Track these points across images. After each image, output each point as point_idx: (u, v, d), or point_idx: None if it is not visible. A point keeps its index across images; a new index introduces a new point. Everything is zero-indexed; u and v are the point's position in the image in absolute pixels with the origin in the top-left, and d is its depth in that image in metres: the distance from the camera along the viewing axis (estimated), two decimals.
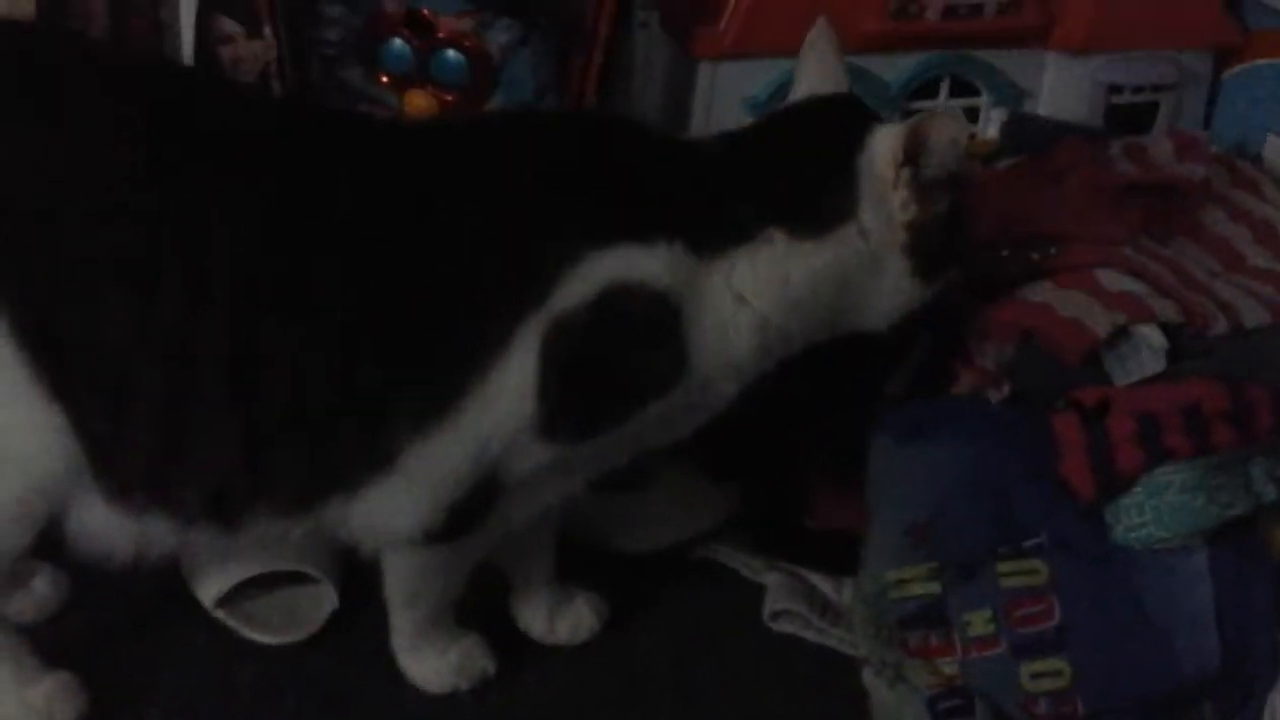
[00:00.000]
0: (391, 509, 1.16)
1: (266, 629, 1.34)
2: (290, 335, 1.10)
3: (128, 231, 1.08)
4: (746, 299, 1.18)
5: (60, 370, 1.08)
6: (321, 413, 1.11)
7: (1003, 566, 1.29)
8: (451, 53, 1.57)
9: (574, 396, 1.14)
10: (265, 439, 1.11)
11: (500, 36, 1.57)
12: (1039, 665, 1.27)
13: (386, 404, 1.12)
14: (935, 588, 1.29)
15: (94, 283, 1.07)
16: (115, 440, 1.10)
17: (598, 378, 1.15)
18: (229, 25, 1.65)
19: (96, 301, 1.07)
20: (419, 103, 1.57)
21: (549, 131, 1.25)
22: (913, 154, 1.19)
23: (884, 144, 1.20)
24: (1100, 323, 1.35)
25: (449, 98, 1.57)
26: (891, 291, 1.24)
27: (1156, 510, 1.28)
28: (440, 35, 1.56)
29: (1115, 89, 1.81)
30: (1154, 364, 1.34)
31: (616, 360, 1.15)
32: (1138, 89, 1.82)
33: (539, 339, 1.12)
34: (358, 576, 1.32)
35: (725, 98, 1.66)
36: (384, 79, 1.57)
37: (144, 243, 1.08)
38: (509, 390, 1.13)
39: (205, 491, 1.13)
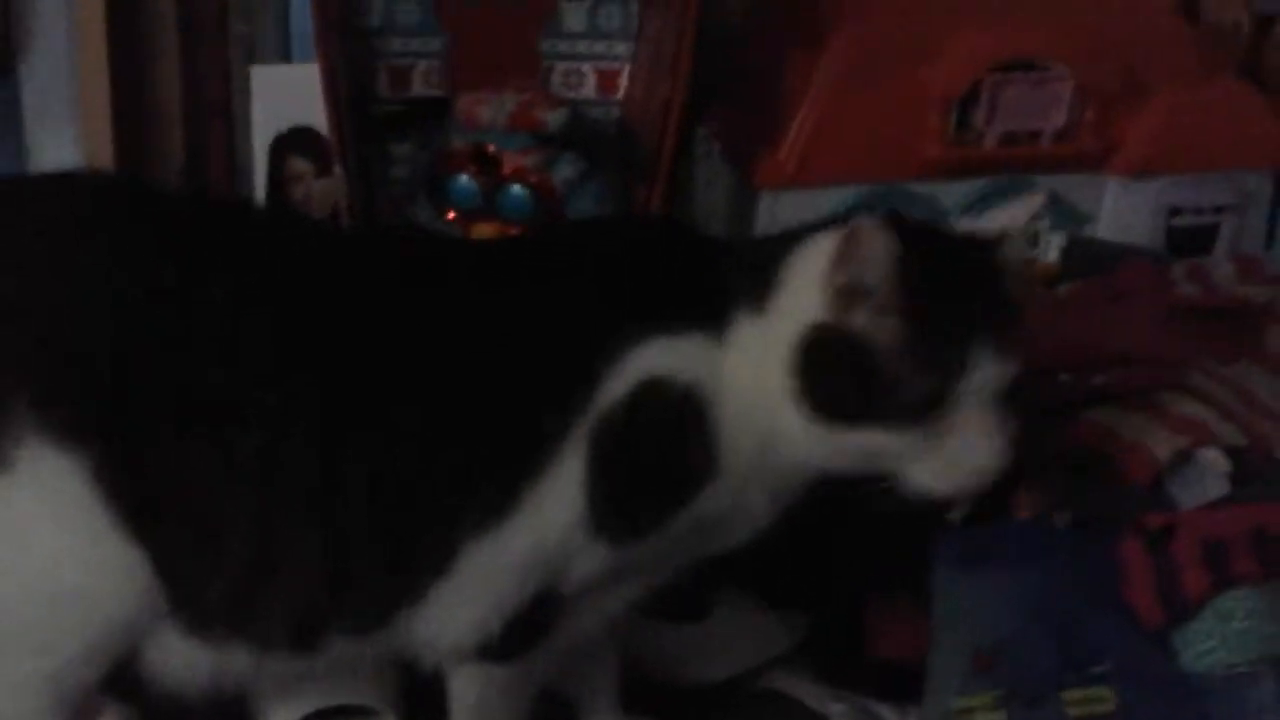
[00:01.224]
0: (453, 618, 1.17)
1: None
2: (366, 454, 1.12)
3: (210, 368, 1.10)
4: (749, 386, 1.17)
5: (144, 511, 1.09)
6: (395, 525, 1.13)
7: (1069, 695, 1.28)
8: (517, 188, 1.60)
9: (618, 493, 1.15)
10: (344, 558, 1.12)
11: (565, 170, 1.61)
12: None
13: (451, 511, 1.14)
14: (1001, 716, 1.28)
15: (178, 421, 1.09)
16: (200, 575, 1.11)
17: (637, 473, 1.16)
18: (300, 164, 1.70)
19: (182, 440, 1.09)
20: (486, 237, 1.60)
21: (597, 235, 1.29)
22: (842, 259, 1.12)
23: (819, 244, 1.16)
24: (1163, 446, 1.35)
25: (516, 233, 1.60)
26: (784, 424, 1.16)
27: (1224, 636, 1.27)
28: (506, 172, 1.60)
29: (1176, 211, 1.82)
30: (1218, 488, 1.34)
31: (652, 454, 1.16)
32: (1198, 211, 1.83)
33: (586, 439, 1.14)
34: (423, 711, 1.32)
35: (787, 224, 1.67)
36: (451, 215, 1.61)
37: (227, 378, 1.10)
38: (560, 491, 1.14)
39: (288, 617, 1.14)
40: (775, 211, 1.69)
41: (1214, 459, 1.35)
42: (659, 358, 1.15)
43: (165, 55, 1.69)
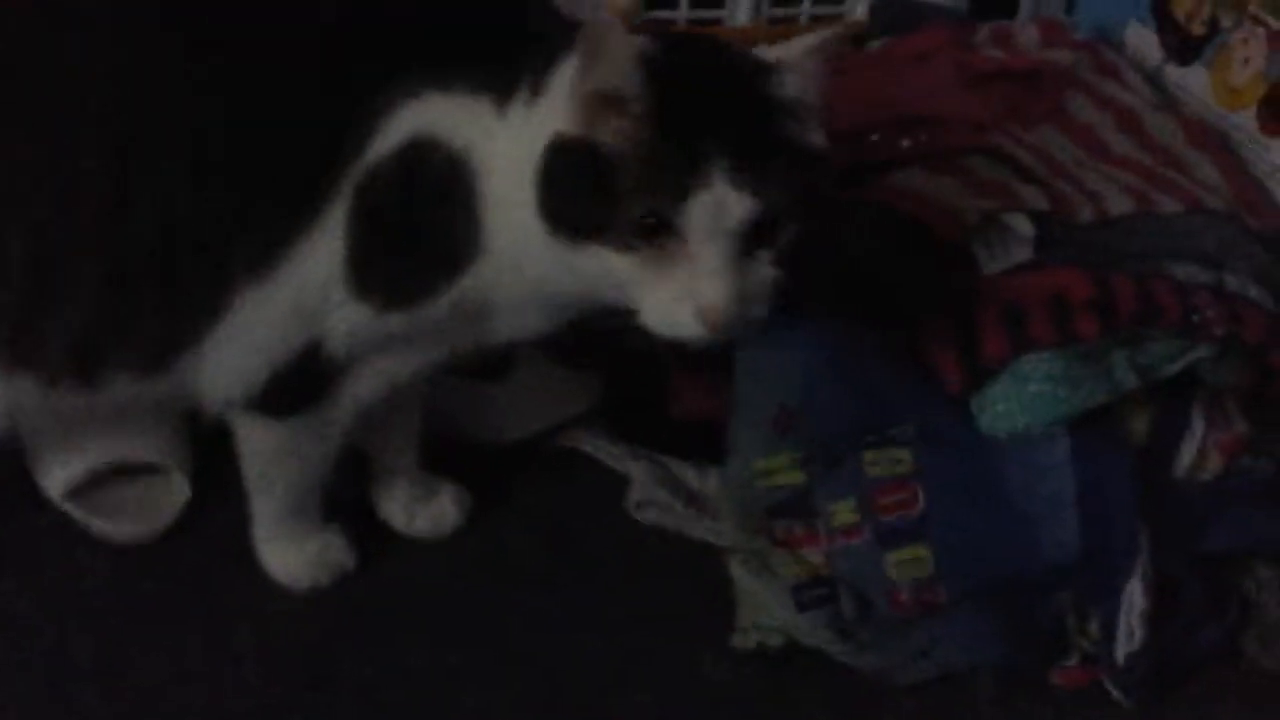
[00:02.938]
0: (224, 367, 1.15)
1: (117, 520, 1.30)
2: (147, 185, 1.08)
3: (8, 85, 1.07)
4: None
5: None
6: (173, 259, 1.10)
7: (868, 455, 1.29)
8: None
9: (376, 254, 1.11)
10: (123, 285, 1.10)
11: None
12: (902, 553, 1.27)
13: (227, 250, 1.10)
14: (800, 477, 1.28)
15: None
16: None
17: (400, 236, 1.11)
18: None
19: None
20: None
21: None
22: (584, 63, 1.04)
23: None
24: (970, 210, 1.34)
25: None
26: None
27: (1021, 399, 1.29)
28: None
29: None
30: (1022, 252, 1.34)
31: (412, 217, 1.11)
32: None
33: (352, 192, 1.10)
34: (215, 473, 1.29)
35: None
36: None
37: (19, 88, 1.07)
38: (327, 242, 1.11)
39: (69, 345, 1.11)
40: None
41: (1019, 223, 1.35)
42: (432, 115, 1.09)
43: None
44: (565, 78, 1.06)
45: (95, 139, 1.08)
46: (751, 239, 1.05)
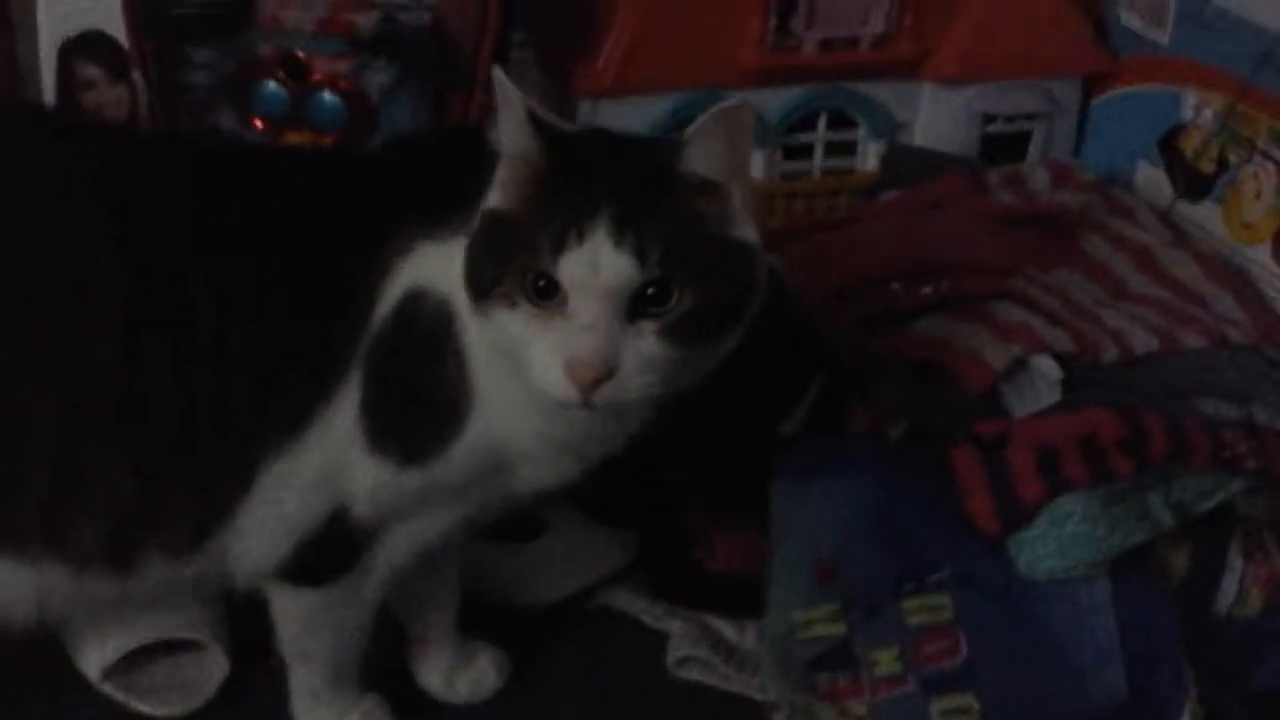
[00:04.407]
0: (253, 540, 1.15)
1: (156, 701, 1.29)
2: (165, 367, 1.09)
3: (13, 271, 1.08)
4: None
5: None
6: (196, 441, 1.10)
7: (907, 604, 1.28)
8: (327, 95, 1.54)
9: (387, 411, 1.12)
10: (151, 472, 1.10)
11: (378, 78, 1.55)
12: (948, 702, 1.26)
13: (250, 428, 1.11)
14: (841, 628, 1.28)
15: None
16: (10, 484, 1.09)
17: (406, 392, 1.12)
18: (90, 70, 1.60)
19: None
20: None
21: (404, 147, 1.27)
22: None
23: None
24: (997, 354, 1.35)
25: (327, 140, 1.53)
26: None
27: (1059, 540, 1.28)
28: (315, 78, 1.53)
29: (989, 118, 1.83)
30: (1050, 395, 1.35)
31: (410, 371, 1.11)
32: (1010, 118, 1.84)
33: (364, 355, 1.11)
34: (254, 643, 1.28)
35: None
36: (258, 123, 1.53)
37: (30, 281, 1.08)
38: (346, 408, 1.11)
39: (101, 532, 1.11)
40: (594, 120, 1.65)
41: (1046, 366, 1.36)
42: (420, 267, 1.11)
43: None
44: None
45: (109, 326, 1.08)
46: (638, 308, 1.02)
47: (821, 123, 1.78)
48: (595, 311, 1.01)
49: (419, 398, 1.12)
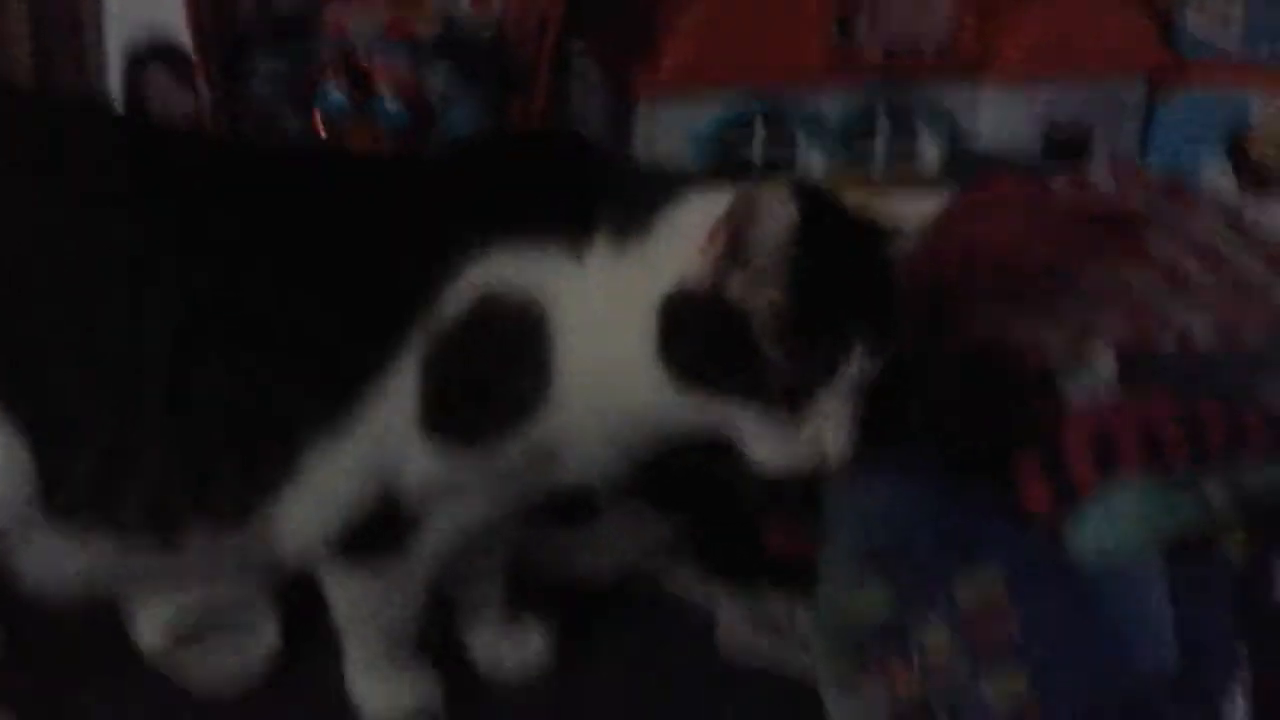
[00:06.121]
0: (302, 519, 1.17)
1: (208, 672, 1.32)
2: (216, 353, 1.12)
3: (75, 263, 1.11)
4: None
5: (19, 395, 1.10)
6: (243, 424, 1.13)
7: (960, 585, 1.28)
8: (389, 100, 1.56)
9: (454, 398, 1.14)
10: (198, 453, 1.13)
11: (439, 82, 1.57)
12: (999, 681, 1.25)
13: (295, 413, 1.14)
14: (892, 610, 1.27)
15: (45, 311, 1.11)
16: (64, 459, 1.12)
17: (475, 383, 1.15)
18: (159, 78, 1.64)
19: (46, 329, 1.11)
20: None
21: (479, 150, 1.27)
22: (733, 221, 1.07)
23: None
24: (1055, 345, 1.35)
25: (388, 145, 1.56)
26: None
27: (1114, 525, 1.27)
28: (377, 83, 1.56)
29: (1052, 120, 1.82)
30: (1108, 384, 1.34)
31: (490, 368, 1.14)
32: (1074, 119, 1.83)
33: (424, 346, 1.13)
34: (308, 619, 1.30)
35: (667, 134, 1.66)
36: (321, 128, 1.56)
37: (90, 274, 1.11)
38: (398, 391, 1.14)
39: (147, 505, 1.14)
40: (654, 122, 1.66)
41: (1102, 355, 1.35)
42: (500, 269, 1.13)
43: None
44: (686, 231, 1.09)
45: (157, 311, 1.11)
46: None
47: (882, 123, 1.78)
48: (850, 410, 1.12)
49: (486, 391, 1.15)
